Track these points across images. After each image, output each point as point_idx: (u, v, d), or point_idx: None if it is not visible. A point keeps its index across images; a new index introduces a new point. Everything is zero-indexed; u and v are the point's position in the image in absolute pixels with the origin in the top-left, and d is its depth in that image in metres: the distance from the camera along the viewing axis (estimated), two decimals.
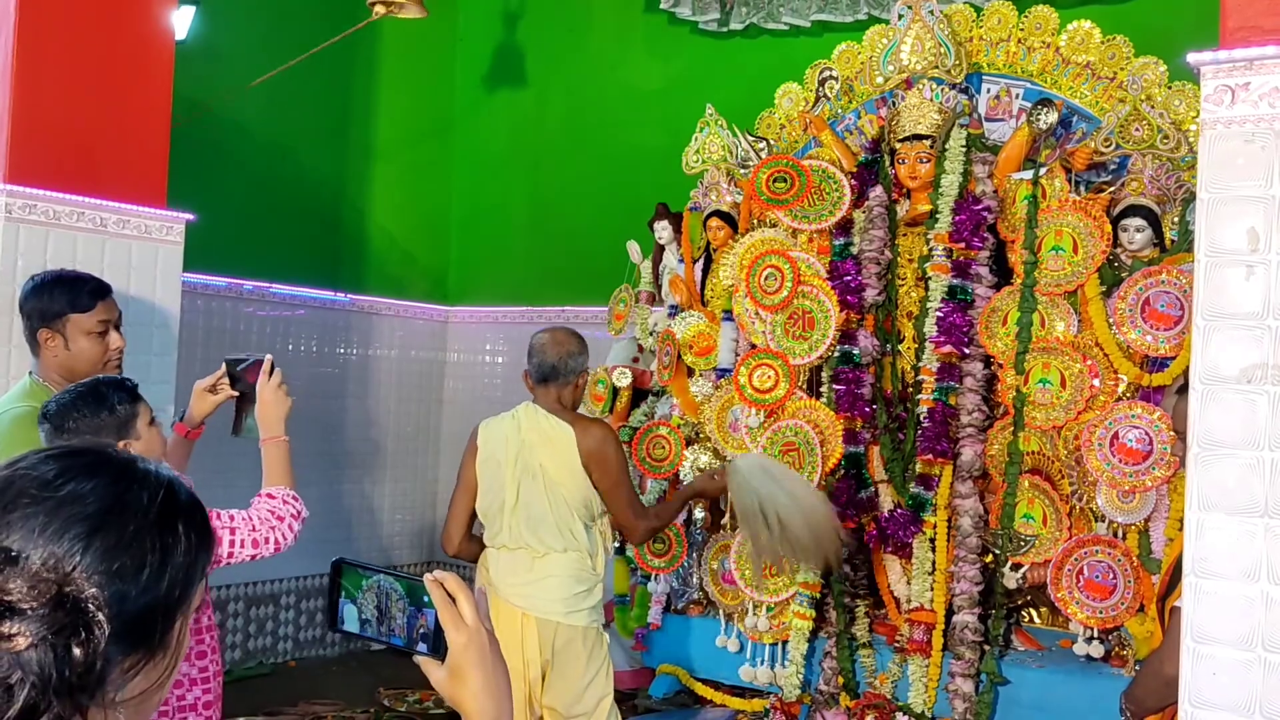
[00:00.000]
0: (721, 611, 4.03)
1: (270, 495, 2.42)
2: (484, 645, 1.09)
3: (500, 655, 1.11)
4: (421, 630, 1.09)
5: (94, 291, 2.78)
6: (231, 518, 2.33)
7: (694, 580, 4.17)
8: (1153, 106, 3.62)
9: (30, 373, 2.78)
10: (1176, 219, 3.53)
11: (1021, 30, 4.01)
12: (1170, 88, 3.70)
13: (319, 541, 5.86)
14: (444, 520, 3.50)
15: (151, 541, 0.93)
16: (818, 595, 3.72)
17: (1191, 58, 2.04)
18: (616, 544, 4.28)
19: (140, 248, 3.54)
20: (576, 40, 6.34)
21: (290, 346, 5.84)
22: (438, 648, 1.09)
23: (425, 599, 1.08)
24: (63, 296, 2.74)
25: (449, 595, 1.08)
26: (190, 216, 3.66)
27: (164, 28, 3.64)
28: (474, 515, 3.37)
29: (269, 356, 2.58)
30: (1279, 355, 1.88)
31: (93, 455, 0.97)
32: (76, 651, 0.87)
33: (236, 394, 2.61)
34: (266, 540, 2.34)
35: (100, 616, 0.88)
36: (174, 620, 0.95)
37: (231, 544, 2.30)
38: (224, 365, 2.64)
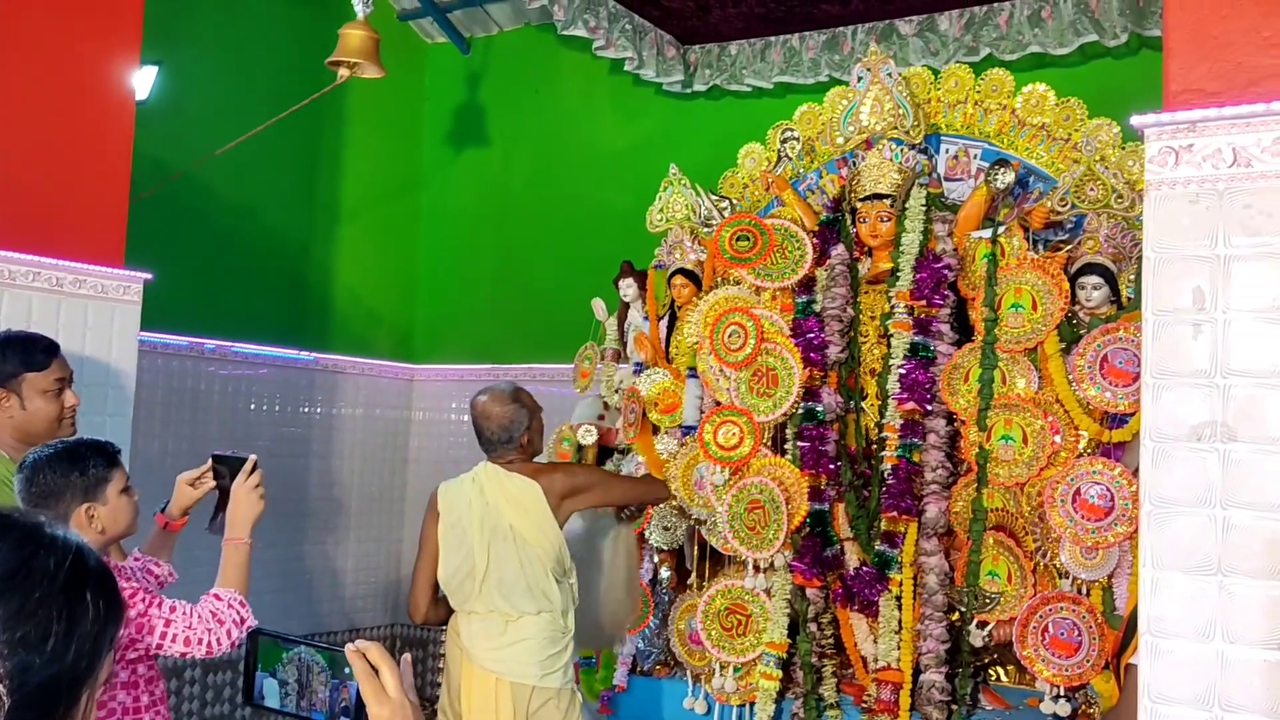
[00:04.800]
0: (689, 673, 3.97)
1: (217, 596, 2.37)
2: (407, 718, 1.06)
3: None
4: (343, 704, 1.06)
5: (46, 349, 2.77)
6: (172, 609, 2.28)
7: (660, 641, 4.11)
8: (1106, 167, 3.68)
9: None
10: (1133, 277, 3.58)
11: (978, 92, 4.08)
12: (1123, 148, 3.77)
13: (280, 605, 5.75)
14: (408, 586, 3.45)
15: (58, 609, 0.90)
16: (784, 655, 3.68)
17: (1135, 120, 2.08)
18: (576, 604, 4.22)
19: (96, 307, 3.50)
20: (542, 101, 6.40)
21: (253, 406, 5.78)
22: None
23: (347, 670, 1.05)
24: (16, 356, 2.72)
25: (372, 666, 1.05)
26: (148, 276, 3.63)
27: (124, 88, 3.63)
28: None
29: (253, 456, 2.54)
30: (1228, 413, 1.89)
31: None
32: None
33: (218, 489, 2.58)
34: (200, 640, 2.28)
35: (0, 689, 0.85)
36: (80, 693, 0.91)
37: (164, 635, 2.25)
38: (210, 460, 2.61)
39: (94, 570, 0.95)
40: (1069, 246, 3.66)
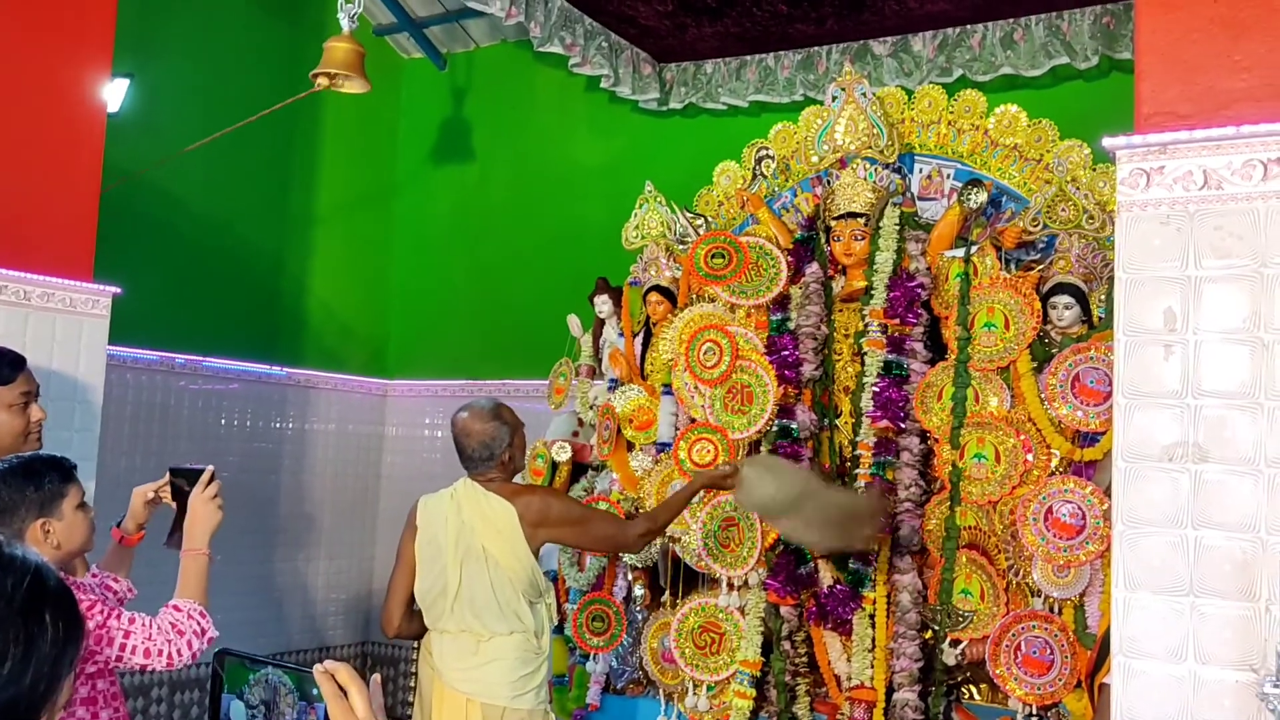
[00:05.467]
0: (661, 691, 3.95)
1: (176, 608, 2.34)
2: None
3: None
4: None
5: (13, 363, 2.74)
6: (131, 620, 2.25)
7: (633, 659, 4.09)
8: (1078, 188, 3.71)
9: None
10: (1103, 297, 3.60)
11: (951, 113, 4.11)
12: (1094, 170, 3.81)
13: (249, 622, 5.69)
14: (382, 600, 3.41)
15: (15, 631, 0.88)
16: (758, 674, 3.67)
17: (1107, 142, 2.09)
18: (554, 623, 4.20)
19: (65, 321, 3.46)
20: (519, 117, 6.39)
21: (223, 420, 5.72)
22: None
23: (315, 692, 1.04)
24: None
25: (340, 688, 1.04)
26: (116, 290, 3.59)
27: (95, 101, 3.60)
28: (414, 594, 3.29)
29: (210, 468, 2.53)
30: (1199, 434, 1.91)
31: None
32: None
33: (175, 504, 2.55)
34: (160, 652, 2.25)
35: None
36: (38, 717, 0.89)
37: (123, 648, 2.22)
38: (168, 474, 2.58)
39: (53, 591, 0.93)
40: (1041, 266, 3.69)
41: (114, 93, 4.23)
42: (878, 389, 3.65)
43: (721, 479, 3.29)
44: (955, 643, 3.46)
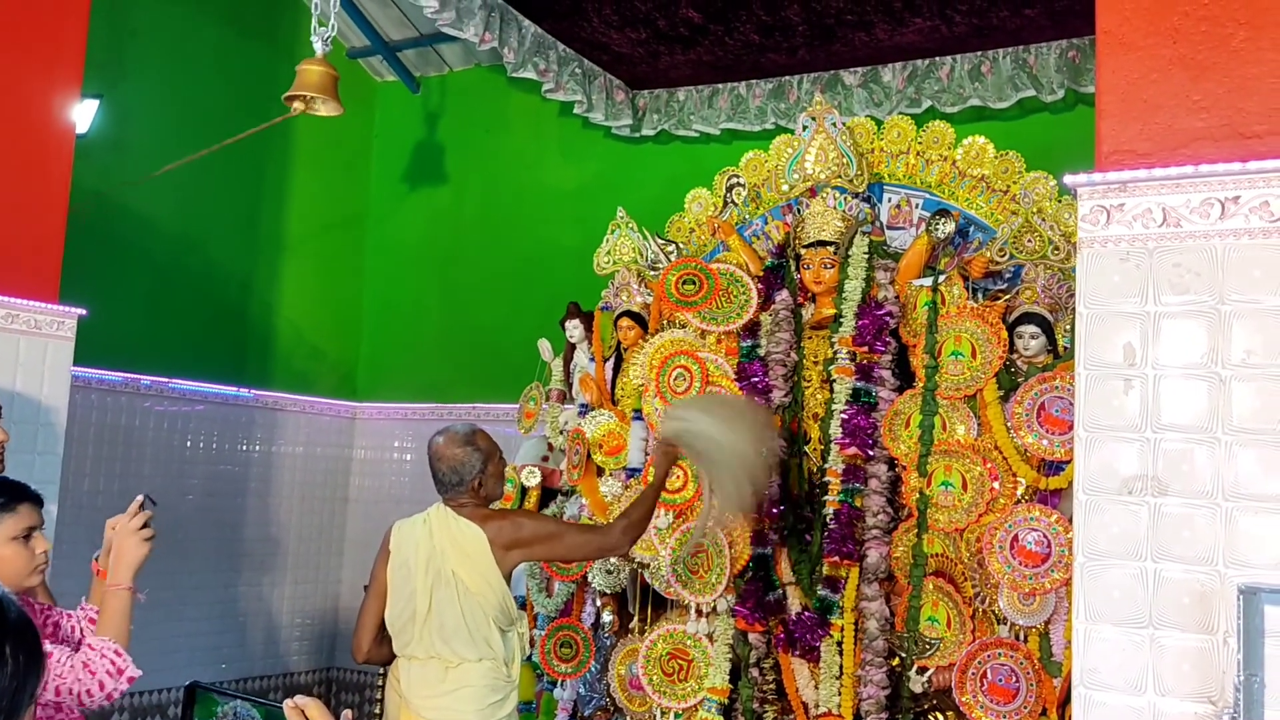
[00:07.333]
0: (629, 718, 3.94)
1: (90, 646, 2.21)
2: None
3: None
4: None
5: None
6: (48, 656, 2.14)
7: (601, 686, 4.08)
8: (1044, 219, 3.76)
9: None
10: (1069, 326, 3.64)
11: (920, 144, 4.16)
12: (1060, 201, 3.86)
13: (212, 648, 5.62)
14: (348, 625, 3.38)
15: None
16: (726, 701, 3.66)
17: (1068, 179, 2.13)
18: (526, 652, 4.17)
19: (29, 343, 3.43)
20: (492, 141, 6.41)
21: (189, 442, 5.67)
22: None
23: None
24: None
25: None
26: (82, 311, 3.57)
27: (64, 122, 3.58)
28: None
29: (140, 497, 2.37)
30: (1159, 467, 1.93)
31: None
32: None
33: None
34: (71, 691, 2.14)
35: None
36: None
37: None
38: (140, 497, 2.46)
39: (13, 623, 0.92)
40: (1007, 296, 3.73)
41: (83, 113, 4.21)
42: (846, 416, 3.67)
43: (671, 454, 3.35)
44: (922, 670, 3.47)
